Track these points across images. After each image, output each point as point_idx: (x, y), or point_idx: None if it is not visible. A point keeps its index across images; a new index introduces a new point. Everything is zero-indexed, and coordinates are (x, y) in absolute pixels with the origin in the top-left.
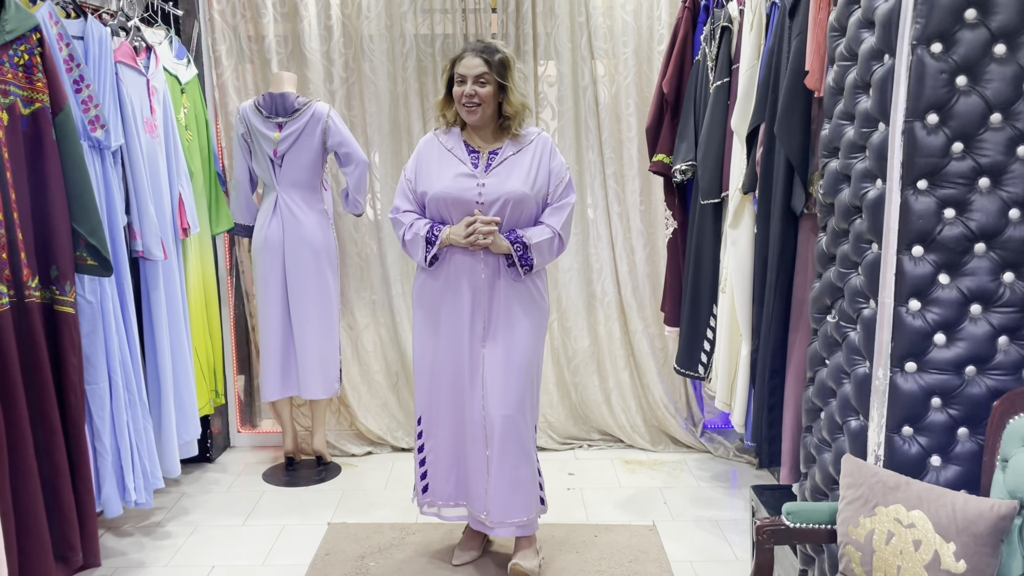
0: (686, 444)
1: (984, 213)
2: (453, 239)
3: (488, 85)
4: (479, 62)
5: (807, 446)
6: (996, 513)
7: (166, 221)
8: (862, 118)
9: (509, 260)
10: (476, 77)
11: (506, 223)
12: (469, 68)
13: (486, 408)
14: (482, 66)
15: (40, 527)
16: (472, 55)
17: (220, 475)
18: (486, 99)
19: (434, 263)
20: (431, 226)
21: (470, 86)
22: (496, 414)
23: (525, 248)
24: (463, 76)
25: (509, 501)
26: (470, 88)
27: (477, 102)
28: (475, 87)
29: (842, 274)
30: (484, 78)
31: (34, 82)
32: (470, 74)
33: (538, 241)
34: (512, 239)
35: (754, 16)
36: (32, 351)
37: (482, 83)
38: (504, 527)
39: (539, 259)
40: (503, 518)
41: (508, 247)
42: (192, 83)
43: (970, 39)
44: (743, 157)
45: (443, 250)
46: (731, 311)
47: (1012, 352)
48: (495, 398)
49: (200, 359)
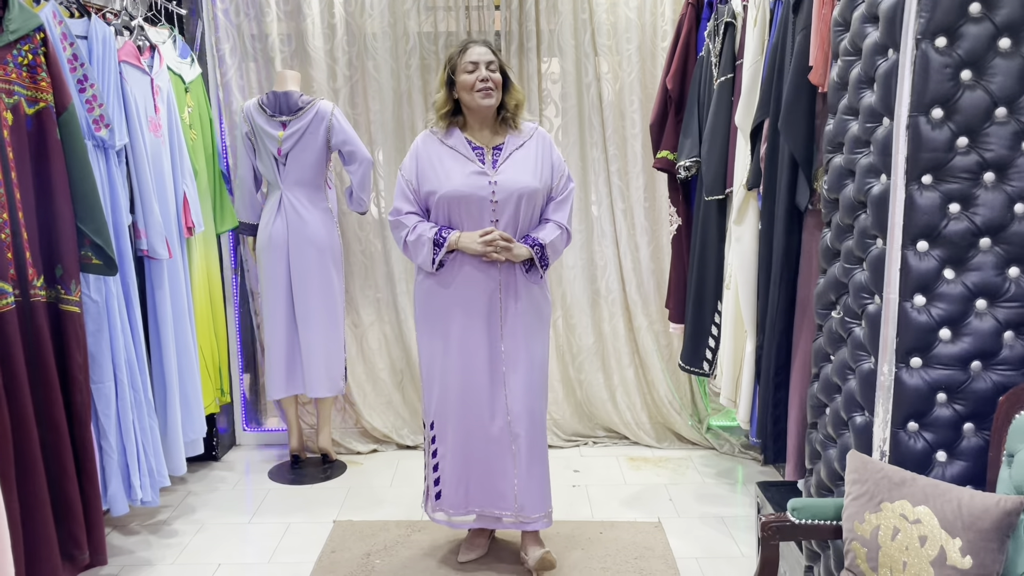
0: (691, 441)
1: (989, 208)
2: (465, 245)
3: (497, 72)
4: (487, 50)
5: (812, 442)
6: (1002, 508)
7: (171, 220)
8: (866, 113)
9: (526, 265)
10: (488, 63)
11: (520, 218)
12: (480, 55)
13: (510, 408)
14: (490, 54)
15: (47, 526)
16: (478, 44)
17: (226, 473)
18: (499, 84)
19: (440, 268)
20: (439, 229)
21: (484, 71)
22: (522, 411)
23: (543, 249)
24: (475, 63)
25: (541, 494)
26: (484, 72)
27: (492, 86)
28: (488, 72)
29: (847, 270)
30: (494, 65)
31: (38, 81)
32: (482, 60)
33: (552, 240)
34: (530, 243)
35: (758, 12)
36: (37, 350)
37: (492, 69)
38: (539, 521)
39: (553, 256)
40: (538, 512)
41: (528, 252)
42: (196, 82)
43: (975, 33)
44: (747, 153)
45: (450, 255)
46: (736, 307)
47: (1018, 347)
48: (519, 397)
49: (205, 358)
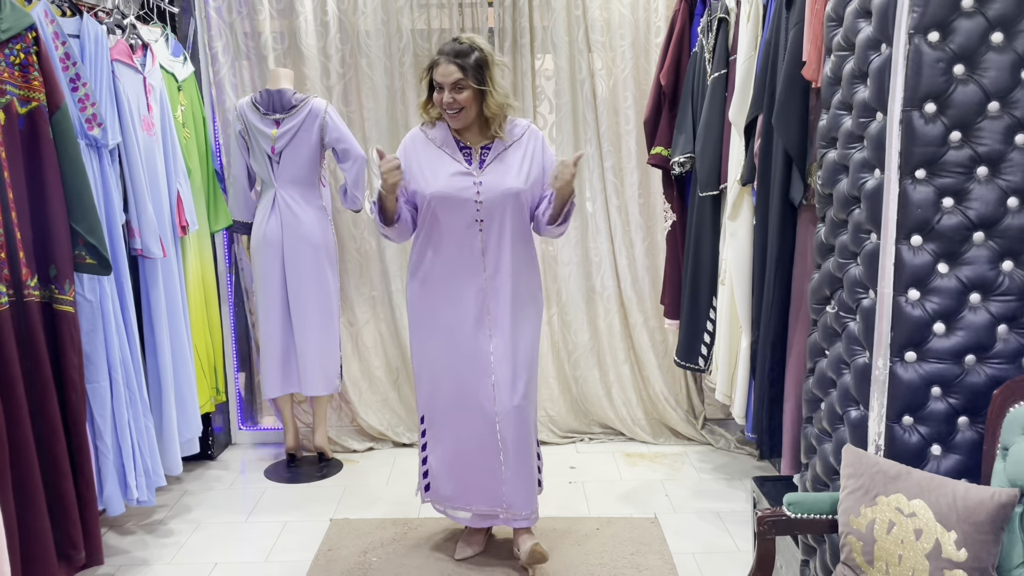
0: (687, 436)
1: (983, 202)
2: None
3: (466, 90)
4: (453, 69)
5: (808, 437)
6: (997, 501)
7: (164, 219)
8: (860, 108)
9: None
10: (452, 84)
11: (506, 219)
12: (444, 76)
13: (498, 404)
14: (456, 72)
15: (42, 526)
16: (446, 61)
17: (222, 472)
18: (466, 103)
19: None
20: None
21: (448, 94)
22: (508, 406)
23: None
24: (440, 84)
25: (528, 491)
26: (448, 96)
27: (457, 108)
28: (453, 95)
29: (841, 264)
30: (460, 84)
31: (30, 81)
32: (446, 82)
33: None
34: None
35: (751, 7)
36: (32, 350)
37: (459, 89)
38: (526, 520)
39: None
40: (525, 509)
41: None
42: (189, 80)
43: (967, 28)
44: (741, 149)
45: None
46: (731, 303)
47: (1012, 340)
48: (506, 392)
49: (200, 356)
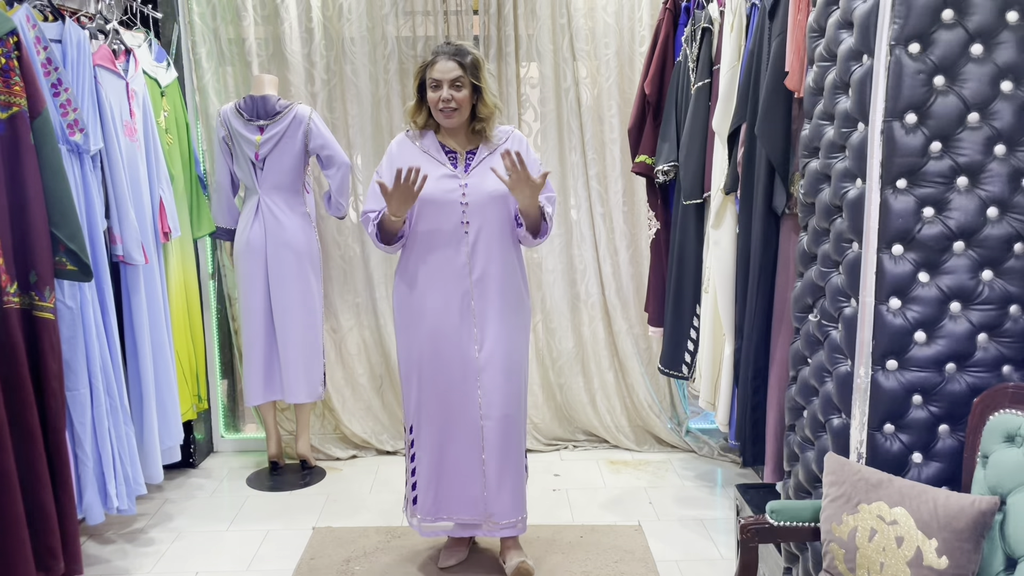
0: (671, 444)
1: (963, 212)
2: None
3: (463, 88)
4: (453, 65)
5: (790, 444)
6: (977, 509)
7: (147, 225)
8: (842, 118)
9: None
10: (452, 81)
11: (491, 222)
12: (444, 72)
13: (484, 410)
14: (456, 69)
15: (21, 535)
16: (445, 59)
17: (204, 480)
18: (462, 103)
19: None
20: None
21: (447, 91)
22: (497, 415)
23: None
24: (438, 81)
25: (513, 500)
26: (447, 93)
27: (454, 106)
28: (451, 91)
29: (823, 273)
30: (459, 81)
31: (11, 86)
32: (445, 78)
33: (549, 211)
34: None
35: (734, 17)
36: (11, 357)
37: (457, 87)
38: (511, 528)
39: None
40: (510, 517)
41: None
42: (172, 86)
43: (947, 39)
44: (725, 157)
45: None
46: (714, 311)
47: (991, 349)
48: (494, 400)
49: (182, 364)
